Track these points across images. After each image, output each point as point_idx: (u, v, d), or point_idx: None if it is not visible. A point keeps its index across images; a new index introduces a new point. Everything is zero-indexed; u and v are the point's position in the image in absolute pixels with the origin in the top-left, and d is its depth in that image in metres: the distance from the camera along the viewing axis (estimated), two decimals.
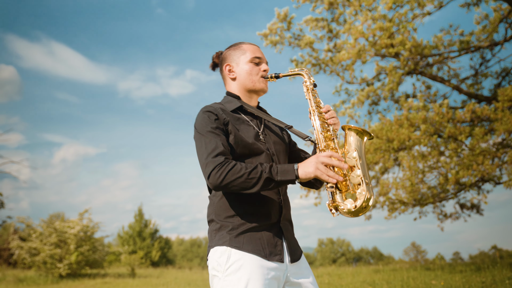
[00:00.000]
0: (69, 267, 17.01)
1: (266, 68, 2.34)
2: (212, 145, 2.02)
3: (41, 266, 17.25)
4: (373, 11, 11.71)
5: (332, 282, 10.67)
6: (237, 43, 2.41)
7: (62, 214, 21.94)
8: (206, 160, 1.99)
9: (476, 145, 9.53)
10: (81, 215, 18.36)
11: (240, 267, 1.95)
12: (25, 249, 17.36)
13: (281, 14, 13.34)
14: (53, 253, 16.81)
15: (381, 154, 11.11)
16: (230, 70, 2.36)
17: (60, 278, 16.86)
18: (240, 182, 1.92)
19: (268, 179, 1.91)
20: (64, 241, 17.47)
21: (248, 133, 2.19)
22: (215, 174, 1.93)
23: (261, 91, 2.35)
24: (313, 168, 1.89)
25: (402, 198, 11.04)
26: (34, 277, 16.96)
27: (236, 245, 2.00)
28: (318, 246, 71.88)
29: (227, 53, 2.39)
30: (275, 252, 2.04)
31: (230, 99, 2.33)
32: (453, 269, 11.25)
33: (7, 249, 24.62)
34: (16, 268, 21.96)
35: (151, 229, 42.08)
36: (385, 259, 61.18)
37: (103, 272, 19.50)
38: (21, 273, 18.39)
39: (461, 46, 13.03)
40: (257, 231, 2.05)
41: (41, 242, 17.21)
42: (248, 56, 2.32)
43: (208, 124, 2.10)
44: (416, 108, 10.22)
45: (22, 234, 20.52)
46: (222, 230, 2.07)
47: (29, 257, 17.36)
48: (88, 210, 18.54)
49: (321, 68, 13.78)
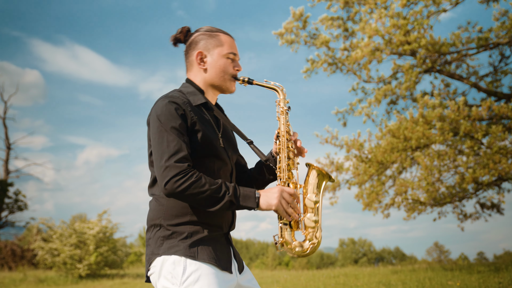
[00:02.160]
0: (88, 267, 17.19)
1: (239, 68, 2.18)
2: (176, 146, 1.86)
3: (61, 267, 17.48)
4: (387, 9, 11.58)
5: (347, 282, 10.59)
6: (213, 29, 2.20)
7: (84, 215, 22.25)
8: (166, 163, 1.83)
9: (493, 143, 9.36)
10: (100, 216, 18.56)
11: (199, 278, 1.83)
12: (46, 249, 17.61)
13: (296, 13, 13.28)
14: (73, 253, 17.02)
15: (398, 153, 10.98)
16: (201, 59, 2.15)
17: (80, 279, 17.07)
18: (201, 198, 1.81)
19: (230, 202, 1.84)
20: (83, 242, 17.67)
21: (212, 134, 2.05)
22: (176, 181, 1.79)
23: (227, 91, 2.18)
24: (276, 201, 1.87)
25: (419, 198, 10.90)
26: (55, 277, 17.21)
27: (191, 255, 1.87)
28: (339, 246, 71.50)
29: (200, 37, 2.17)
30: (227, 261, 1.98)
31: (193, 90, 2.12)
32: (472, 269, 11.07)
33: (30, 250, 25.01)
34: (38, 269, 22.29)
35: None
36: (408, 259, 60.60)
37: (122, 273, 19.67)
38: (42, 274, 18.67)
39: (480, 43, 12.81)
40: (209, 240, 1.95)
41: (61, 243, 17.44)
42: (225, 50, 2.13)
43: (174, 119, 1.91)
44: (431, 105, 10.07)
45: (44, 236, 20.81)
46: (173, 238, 1.92)
47: (50, 258, 17.62)
48: (107, 211, 18.72)
49: (338, 67, 13.68)
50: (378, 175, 12.14)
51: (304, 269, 41.00)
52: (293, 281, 12.28)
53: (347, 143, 12.10)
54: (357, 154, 12.08)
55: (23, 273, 18.23)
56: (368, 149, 11.93)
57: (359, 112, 13.23)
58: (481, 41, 12.82)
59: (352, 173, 12.22)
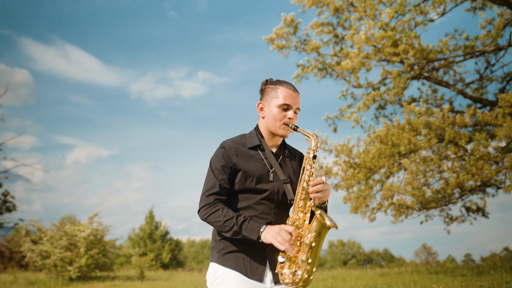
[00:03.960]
0: (79, 270, 17.24)
1: (291, 116, 2.48)
2: (211, 183, 2.40)
3: (52, 269, 17.49)
4: (376, 19, 11.79)
5: (335, 285, 10.79)
6: (278, 82, 2.56)
7: (73, 217, 22.19)
8: (202, 196, 2.41)
9: (477, 150, 9.61)
10: (91, 218, 18.59)
11: (224, 281, 2.33)
12: (36, 252, 17.62)
13: (287, 19, 13.44)
14: (64, 256, 17.05)
15: (386, 159, 11.19)
16: (261, 108, 2.57)
17: (70, 281, 17.10)
18: (217, 225, 2.32)
19: (236, 232, 2.29)
20: (74, 244, 17.71)
21: (256, 172, 2.44)
22: (202, 211, 2.37)
23: (281, 136, 2.53)
24: (272, 239, 2.19)
25: (406, 202, 11.13)
26: (45, 279, 17.22)
27: (222, 262, 2.39)
28: (328, 248, 71.76)
29: (267, 90, 2.57)
30: (256, 272, 2.37)
31: (254, 135, 2.57)
32: (456, 272, 11.31)
33: (19, 251, 24.94)
34: (28, 271, 22.27)
35: (162, 231, 42.29)
36: (396, 261, 60.96)
37: (112, 275, 19.72)
38: (32, 276, 18.68)
39: (466, 51, 13.10)
40: (243, 252, 2.40)
41: (52, 245, 17.45)
42: (279, 101, 2.47)
43: (219, 161, 2.44)
44: (418, 112, 10.30)
45: (33, 237, 20.79)
46: (214, 249, 2.47)
47: (40, 260, 17.62)
48: (98, 214, 18.77)
49: (328, 73, 13.87)
50: (366, 179, 12.36)
51: None
52: None
53: (336, 149, 12.30)
54: (346, 159, 12.28)
55: (13, 275, 18.24)
56: (357, 153, 12.12)
57: (348, 117, 13.43)
58: (467, 49, 13.12)
59: (340, 178, 12.42)
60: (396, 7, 11.10)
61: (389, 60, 11.94)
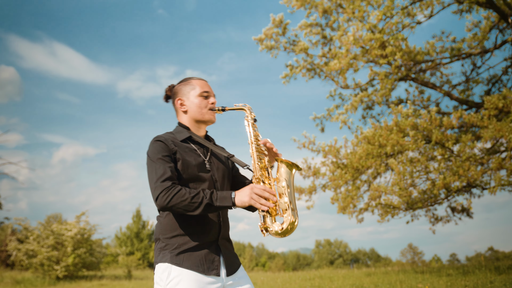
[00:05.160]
0: (66, 269, 17.17)
1: (213, 101, 2.61)
2: (161, 170, 2.28)
3: (39, 268, 17.40)
4: (364, 21, 11.89)
5: (322, 285, 10.87)
6: (187, 78, 2.68)
7: (59, 215, 22.10)
8: (155, 184, 2.25)
9: (463, 151, 9.73)
10: (78, 217, 18.51)
11: (179, 282, 2.23)
12: (23, 251, 17.51)
13: (276, 19, 13.49)
14: (50, 255, 16.97)
15: (373, 159, 11.29)
16: (181, 103, 2.62)
17: (57, 280, 17.03)
18: (184, 205, 2.20)
19: (208, 205, 2.21)
20: (61, 243, 17.63)
21: (194, 160, 2.44)
22: (162, 196, 2.20)
23: (209, 121, 2.62)
24: (248, 198, 2.21)
25: (392, 202, 11.23)
26: (32, 279, 17.13)
27: (176, 262, 2.28)
28: (315, 248, 72.04)
29: (178, 88, 2.65)
30: (212, 267, 2.34)
31: (180, 129, 2.60)
32: (442, 272, 11.45)
33: (4, 250, 24.74)
34: (14, 270, 22.11)
35: (149, 230, 42.22)
36: (382, 261, 61.38)
37: (100, 274, 19.65)
38: (18, 275, 18.55)
39: (453, 53, 13.26)
40: (196, 249, 2.34)
41: (39, 244, 17.36)
42: (198, 90, 2.59)
43: (159, 152, 2.37)
44: (405, 114, 10.40)
45: (19, 236, 20.64)
46: (165, 249, 2.34)
47: (26, 259, 17.52)
48: (85, 213, 18.70)
49: (316, 73, 13.95)
50: (353, 180, 12.45)
51: (280, 270, 41.28)
52: (269, 284, 12.53)
53: (324, 149, 12.37)
54: (334, 160, 12.36)
55: None
56: (344, 154, 12.21)
57: (336, 118, 13.52)
58: (454, 51, 13.28)
59: (328, 178, 12.49)
60: (384, 10, 11.19)
61: (377, 62, 12.04)
